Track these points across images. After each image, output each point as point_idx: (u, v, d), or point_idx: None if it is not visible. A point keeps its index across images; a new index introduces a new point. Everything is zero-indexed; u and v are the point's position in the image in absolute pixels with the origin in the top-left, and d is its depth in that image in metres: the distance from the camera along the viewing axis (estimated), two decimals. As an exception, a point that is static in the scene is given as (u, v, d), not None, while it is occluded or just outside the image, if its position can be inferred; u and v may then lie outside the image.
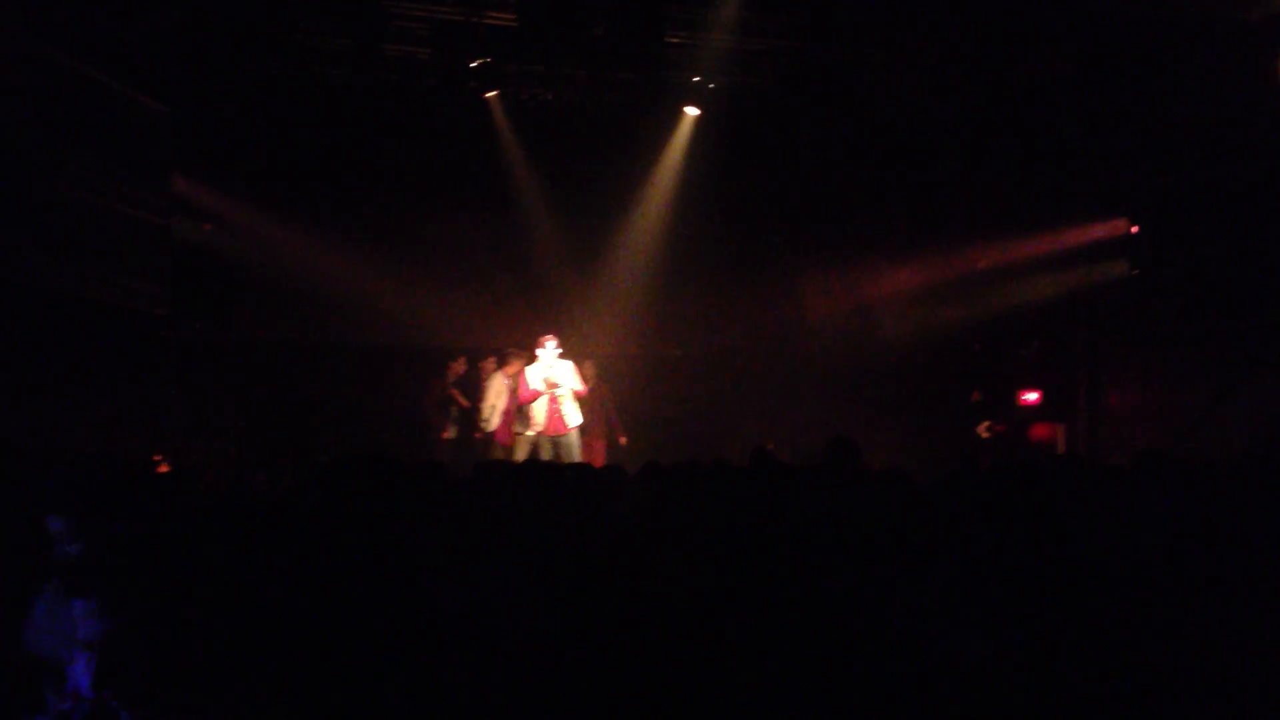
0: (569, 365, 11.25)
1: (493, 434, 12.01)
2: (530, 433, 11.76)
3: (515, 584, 3.02)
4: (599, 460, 11.49)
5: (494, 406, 12.02)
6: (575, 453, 11.18)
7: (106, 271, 10.06)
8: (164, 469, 8.69)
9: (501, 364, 12.13)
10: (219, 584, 2.93)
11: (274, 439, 11.61)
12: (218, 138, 12.03)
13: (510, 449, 12.01)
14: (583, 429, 11.58)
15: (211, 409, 12.08)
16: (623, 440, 12.44)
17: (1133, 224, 12.30)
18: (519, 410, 12.01)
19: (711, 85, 12.69)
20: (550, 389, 11.11)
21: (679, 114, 13.23)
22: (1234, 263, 11.37)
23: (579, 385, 11.28)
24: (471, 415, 12.41)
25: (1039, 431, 13.19)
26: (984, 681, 2.90)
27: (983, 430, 13.38)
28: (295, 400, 12.58)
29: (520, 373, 11.46)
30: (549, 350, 11.13)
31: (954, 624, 2.99)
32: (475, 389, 12.41)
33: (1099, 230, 12.70)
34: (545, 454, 11.11)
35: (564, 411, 11.20)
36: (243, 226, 12.48)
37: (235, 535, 3.03)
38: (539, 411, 11.20)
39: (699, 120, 13.22)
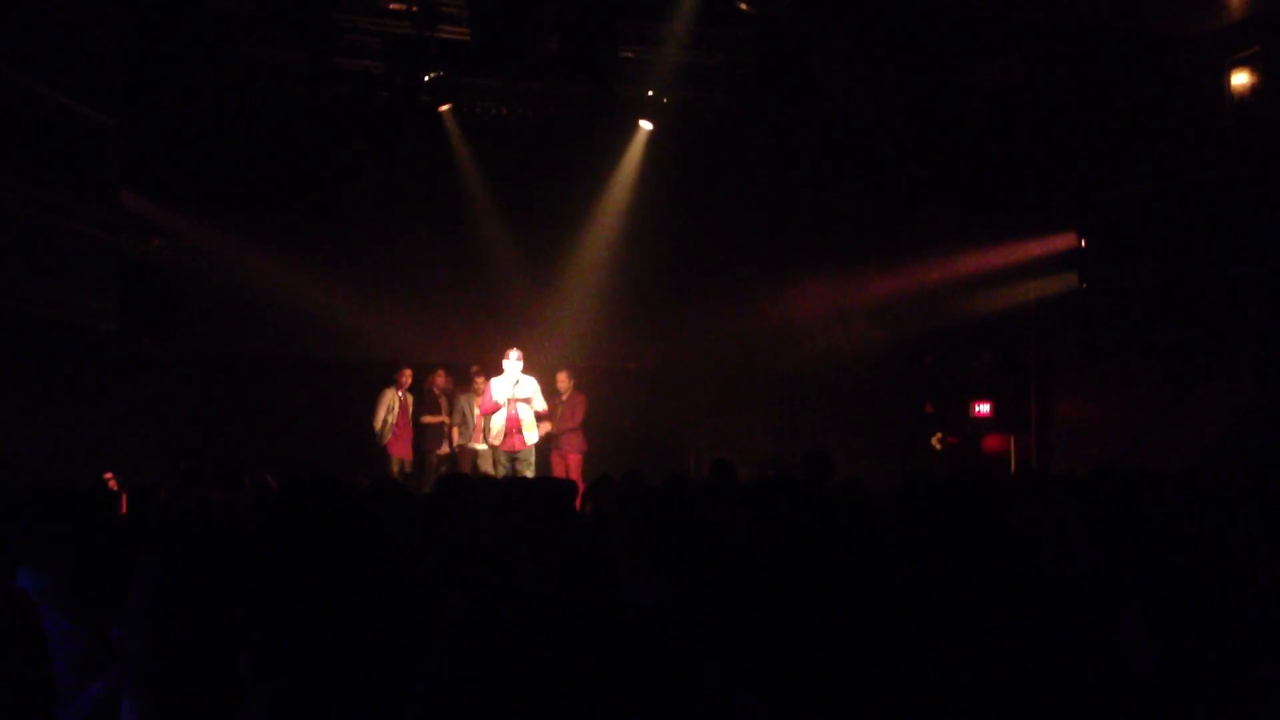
0: (533, 381, 11.07)
1: (385, 447, 11.81)
2: (482, 446, 11.62)
3: (474, 597, 3.00)
4: (574, 473, 11.29)
5: (385, 421, 11.82)
6: (531, 469, 11.01)
7: (53, 287, 9.89)
8: (113, 486, 8.55)
9: (395, 379, 11.96)
10: (176, 604, 2.88)
11: (227, 456, 11.44)
12: (166, 152, 11.85)
13: (405, 461, 11.91)
14: (556, 441, 11.48)
15: (161, 425, 11.90)
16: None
17: (1080, 238, 12.46)
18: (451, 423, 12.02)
19: (665, 99, 12.72)
20: (515, 404, 10.89)
21: (633, 128, 13.24)
22: (1182, 276, 11.55)
23: (543, 404, 11.09)
24: (438, 429, 12.30)
25: (991, 443, 13.30)
26: (936, 691, 2.91)
27: (935, 441, 13.48)
28: (246, 416, 12.41)
29: (487, 385, 11.23)
30: (513, 362, 10.90)
31: (908, 635, 2.99)
32: (431, 404, 12.30)
33: (1048, 244, 12.86)
34: (500, 469, 10.91)
35: (524, 428, 11.03)
36: (192, 241, 12.31)
37: (195, 553, 2.96)
38: (497, 425, 11.01)
39: (653, 134, 13.25)
